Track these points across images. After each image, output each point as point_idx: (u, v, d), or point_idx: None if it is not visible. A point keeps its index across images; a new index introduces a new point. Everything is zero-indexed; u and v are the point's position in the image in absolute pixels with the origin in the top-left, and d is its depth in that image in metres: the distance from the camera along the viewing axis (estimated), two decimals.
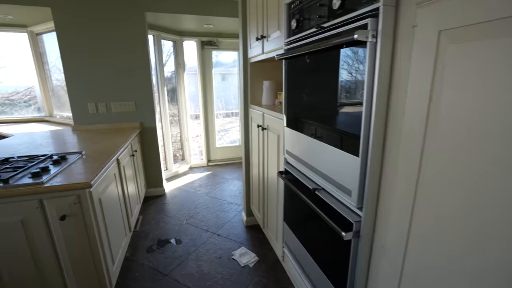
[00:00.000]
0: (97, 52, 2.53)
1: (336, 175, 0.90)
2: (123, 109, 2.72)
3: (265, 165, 1.81)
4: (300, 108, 1.14)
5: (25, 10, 2.53)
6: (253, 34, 1.83)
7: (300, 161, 1.18)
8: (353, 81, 0.78)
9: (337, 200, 0.95)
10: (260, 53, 1.70)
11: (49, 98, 3.38)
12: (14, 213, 1.23)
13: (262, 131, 1.80)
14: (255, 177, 2.13)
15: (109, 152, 1.77)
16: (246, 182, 2.35)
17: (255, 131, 2.01)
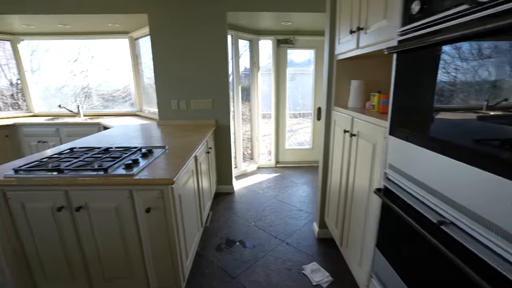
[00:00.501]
0: (182, 53, 2.68)
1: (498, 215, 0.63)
2: (201, 107, 2.83)
3: (350, 176, 1.58)
4: (427, 115, 0.88)
5: (127, 18, 2.86)
6: (344, 27, 1.62)
7: (419, 183, 0.90)
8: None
9: (489, 248, 0.65)
10: (353, 48, 1.47)
11: (140, 95, 3.80)
12: (111, 199, 1.33)
13: (350, 138, 1.57)
14: (334, 187, 1.91)
15: (189, 148, 1.81)
16: (322, 191, 2.14)
17: (338, 136, 1.79)
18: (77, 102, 3.97)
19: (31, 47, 3.84)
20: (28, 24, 3.15)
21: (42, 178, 1.29)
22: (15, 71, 3.77)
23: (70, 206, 1.34)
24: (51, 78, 4.01)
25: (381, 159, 1.18)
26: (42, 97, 3.95)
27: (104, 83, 4.26)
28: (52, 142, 3.27)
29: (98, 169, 1.33)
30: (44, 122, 3.30)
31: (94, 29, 3.45)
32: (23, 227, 1.39)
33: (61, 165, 1.40)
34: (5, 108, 3.86)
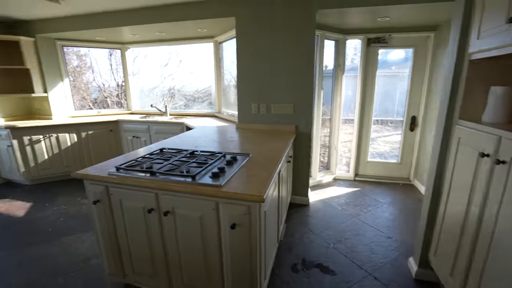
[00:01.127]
0: (266, 55, 2.58)
1: None
2: (282, 111, 2.68)
3: (488, 215, 1.17)
4: None
5: (214, 23, 2.93)
6: (494, 14, 1.21)
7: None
8: None
9: None
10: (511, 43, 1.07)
11: (220, 97, 3.91)
12: (197, 208, 1.27)
13: (492, 165, 1.16)
14: (453, 221, 1.49)
15: (273, 158, 1.67)
16: (427, 222, 1.73)
17: (466, 159, 1.37)
18: (164, 101, 4.35)
19: (134, 54, 4.38)
20: (134, 34, 3.57)
21: (137, 179, 1.32)
22: (121, 74, 4.36)
23: (159, 209, 1.35)
24: (146, 80, 4.50)
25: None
26: (138, 97, 4.47)
27: (188, 85, 4.58)
28: (144, 138, 3.63)
29: (186, 175, 1.29)
30: (138, 120, 3.70)
31: (184, 35, 3.70)
32: (119, 221, 1.47)
33: (154, 167, 1.42)
34: (112, 105, 4.53)
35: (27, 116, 3.84)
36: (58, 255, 2.07)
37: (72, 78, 4.13)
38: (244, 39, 2.63)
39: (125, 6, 2.93)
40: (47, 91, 3.67)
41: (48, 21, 3.42)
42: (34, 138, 3.30)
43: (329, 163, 3.65)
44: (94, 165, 1.55)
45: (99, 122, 3.66)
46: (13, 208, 2.84)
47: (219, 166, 1.41)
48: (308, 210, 2.76)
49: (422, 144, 3.27)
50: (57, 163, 3.49)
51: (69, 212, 2.74)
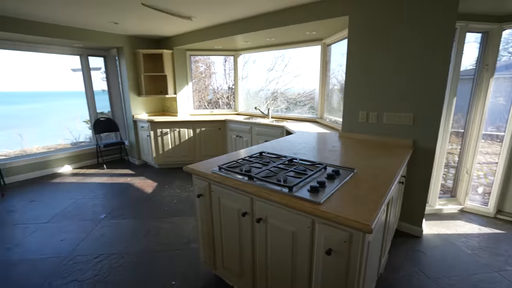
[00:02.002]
0: (382, 56, 2.24)
1: None
2: (396, 122, 2.27)
3: None
4: None
5: (323, 24, 2.77)
6: None
7: None
8: None
9: None
10: None
11: (323, 101, 3.72)
12: (290, 222, 1.19)
13: None
14: None
15: (384, 177, 1.39)
16: None
17: None
18: (267, 104, 4.51)
19: (244, 59, 4.74)
20: (246, 40, 3.84)
21: (236, 181, 1.35)
22: (232, 78, 4.81)
23: (252, 214, 1.34)
24: (253, 83, 4.79)
25: None
26: (244, 99, 4.81)
27: (291, 88, 4.59)
28: (245, 138, 3.86)
29: (283, 185, 1.22)
30: (242, 121, 3.96)
31: (293, 39, 3.70)
32: (216, 217, 1.56)
33: (252, 171, 1.42)
34: (222, 106, 5.05)
35: (161, 112, 4.77)
36: (169, 232, 2.42)
37: (196, 81, 4.85)
38: (357, 38, 2.37)
39: (241, 16, 3.17)
40: (176, 93, 4.44)
41: (181, 36, 4.12)
42: (164, 131, 4.06)
43: (456, 189, 2.88)
44: (203, 161, 1.69)
45: (210, 121, 4.14)
46: (145, 185, 3.57)
47: (319, 179, 1.27)
48: (420, 244, 2.24)
49: None
50: (177, 152, 4.18)
51: (181, 196, 3.20)
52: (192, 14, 3.05)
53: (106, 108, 4.92)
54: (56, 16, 3.10)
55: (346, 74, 2.50)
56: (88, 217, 2.71)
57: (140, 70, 4.25)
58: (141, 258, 2.07)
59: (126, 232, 2.42)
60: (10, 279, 1.85)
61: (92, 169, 4.28)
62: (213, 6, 2.78)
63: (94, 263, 2.01)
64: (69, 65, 4.52)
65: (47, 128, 7.24)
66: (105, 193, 3.32)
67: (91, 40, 3.78)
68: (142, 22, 3.37)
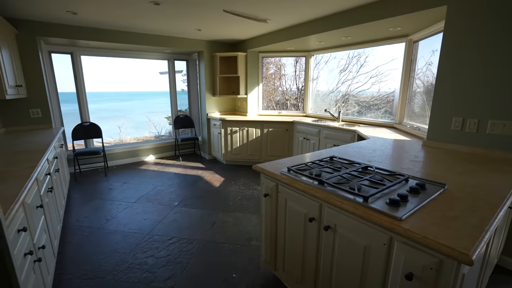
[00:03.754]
0: (487, 50, 1.84)
1: None
2: (505, 132, 1.85)
3: None
4: None
5: (411, 18, 2.45)
6: None
7: None
8: None
9: None
10: None
11: (404, 105, 3.32)
12: (363, 235, 1.08)
13: None
14: None
15: (487, 199, 1.14)
16: None
17: None
18: (338, 107, 4.28)
19: (316, 60, 4.61)
20: (320, 41, 3.72)
21: (305, 185, 1.30)
22: (302, 79, 4.73)
23: (320, 221, 1.27)
24: (324, 85, 4.62)
25: None
26: (314, 101, 4.67)
27: (366, 90, 4.25)
28: (313, 141, 3.75)
29: (357, 193, 1.12)
30: (310, 123, 3.85)
31: (373, 37, 3.41)
32: (281, 219, 1.54)
33: (322, 176, 1.36)
34: (290, 108, 5.03)
35: (232, 112, 5.04)
36: (232, 226, 2.53)
37: (265, 83, 4.96)
38: (455, 30, 2.02)
39: (316, 16, 3.08)
40: (247, 93, 4.63)
41: (255, 39, 4.26)
42: (233, 129, 4.28)
43: None
44: (271, 161, 1.70)
45: (278, 122, 4.16)
46: (213, 179, 3.83)
47: (400, 192, 1.12)
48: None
49: None
50: (244, 151, 4.35)
51: (245, 193, 3.31)
52: (268, 17, 3.12)
53: (184, 106, 5.48)
54: (150, 27, 3.60)
55: (438, 72, 2.16)
56: (165, 202, 3.06)
57: (216, 71, 4.58)
58: (207, 246, 2.22)
59: (195, 220, 2.64)
60: (107, 244, 2.24)
61: (170, 160, 4.82)
62: (288, 8, 2.79)
63: (167, 244, 2.25)
64: (157, 69, 5.22)
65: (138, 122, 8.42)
66: (179, 182, 3.69)
67: (177, 46, 4.26)
68: (222, 27, 3.62)
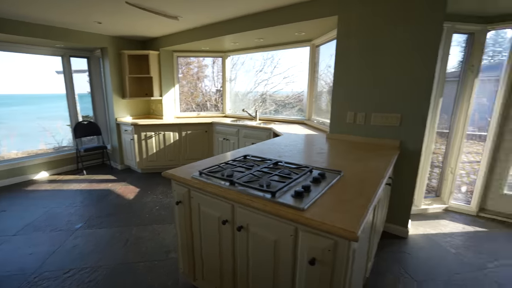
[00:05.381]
0: (371, 56, 2.21)
1: None
2: (384, 123, 2.25)
3: None
4: None
5: (312, 25, 2.74)
6: None
7: None
8: None
9: None
10: None
11: (312, 103, 3.68)
12: (272, 230, 1.11)
13: None
14: None
15: (371, 180, 1.35)
16: None
17: None
18: (255, 107, 4.44)
19: (233, 61, 4.67)
20: (235, 42, 3.77)
21: (216, 187, 1.27)
22: (221, 80, 4.72)
23: (233, 222, 1.26)
24: (241, 85, 4.72)
25: None
26: (233, 101, 4.73)
27: (280, 90, 4.54)
28: (233, 141, 3.78)
29: (266, 190, 1.15)
30: (229, 123, 3.88)
31: (282, 40, 3.65)
32: (196, 226, 1.47)
33: (235, 176, 1.35)
34: (210, 108, 4.95)
35: (146, 115, 4.62)
36: (148, 241, 2.30)
37: (186, 84, 4.73)
38: (345, 38, 2.34)
39: (229, 16, 3.10)
40: (162, 95, 4.31)
41: (168, 37, 4.01)
42: (148, 134, 3.92)
43: (440, 189, 2.89)
44: (184, 166, 1.60)
45: (197, 124, 4.03)
46: (127, 191, 3.42)
47: (304, 183, 1.21)
48: (406, 245, 2.21)
49: None
50: (162, 156, 4.04)
51: (163, 202, 3.08)
52: (179, 13, 2.96)
53: (89, 110, 4.73)
54: (37, 15, 2.95)
55: (334, 74, 2.46)
56: (62, 227, 2.54)
57: (124, 71, 4.10)
58: (117, 269, 1.94)
59: (103, 243, 2.29)
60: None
61: (70, 175, 4.08)
62: (199, 6, 2.71)
63: (62, 279, 1.84)
64: (54, 67, 4.32)
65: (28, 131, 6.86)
66: (83, 200, 3.15)
67: (73, 40, 3.62)
68: (127, 21, 3.25)
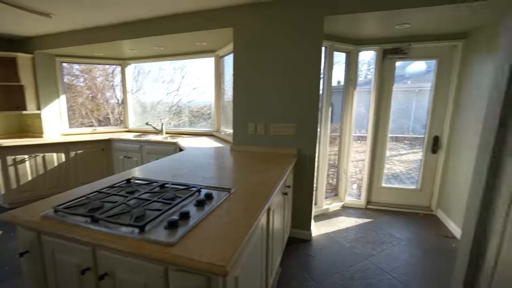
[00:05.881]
0: (266, 69, 2.30)
1: None
2: (282, 132, 2.35)
3: None
4: None
5: (213, 35, 2.69)
6: None
7: None
8: None
9: None
10: None
11: (219, 114, 3.63)
12: (141, 271, 0.93)
13: None
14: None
15: (262, 193, 1.32)
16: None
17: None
18: (161, 120, 4.09)
19: (137, 69, 4.24)
20: (132, 49, 3.41)
21: (71, 227, 1.00)
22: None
23: (96, 270, 1.01)
24: (148, 96, 4.33)
25: None
26: (139, 114, 4.27)
27: (193, 101, 4.36)
28: (135, 158, 3.38)
29: (133, 225, 0.96)
30: (130, 139, 3.46)
31: (184, 50, 3.50)
32: (51, 277, 1.14)
33: (103, 208, 1.11)
34: (114, 123, 4.32)
35: (19, 134, 3.69)
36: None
37: (88, 94, 4.00)
38: (242, 51, 2.36)
39: (117, 21, 2.77)
40: (40, 108, 3.53)
41: (46, 37, 3.33)
42: (18, 158, 3.09)
43: (338, 188, 3.23)
44: (35, 203, 1.24)
45: (91, 141, 3.45)
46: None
47: (184, 211, 1.07)
48: (310, 248, 2.34)
49: (448, 169, 2.81)
50: (40, 184, 3.25)
51: None
52: (50, 10, 2.46)
53: None
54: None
55: (234, 85, 2.45)
56: None
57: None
58: None
59: None
60: None
61: None
62: (73, 5, 2.30)
63: None
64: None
65: None
66: None
67: None
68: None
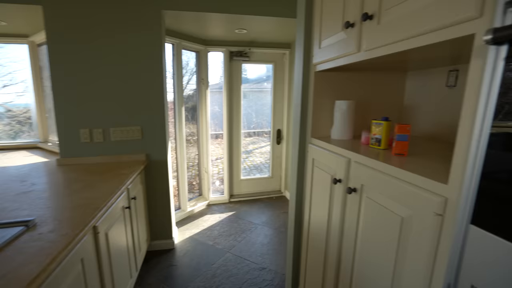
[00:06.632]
0: (96, 63, 1.90)
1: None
2: (126, 137, 2.04)
3: (345, 242, 1.01)
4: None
5: (16, 13, 1.99)
6: (331, 21, 1.10)
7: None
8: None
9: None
10: (352, 52, 0.94)
11: (45, 120, 2.81)
12: None
13: (344, 194, 1.01)
14: (316, 253, 1.32)
15: (79, 220, 1.04)
16: (293, 252, 1.53)
17: (322, 182, 1.22)
18: None
19: None
20: None
21: None
22: None
23: None
24: None
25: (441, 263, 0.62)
26: None
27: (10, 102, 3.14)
28: None
29: None
30: None
31: None
32: None
33: None
34: None
35: None
36: None
37: None
38: (59, 38, 1.84)
39: None
40: None
41: None
42: None
43: (201, 189, 3.24)
44: None
45: None
46: None
47: None
48: (173, 257, 2.20)
49: (288, 156, 3.38)
50: None
51: None
52: None
53: None
54: None
55: (52, 84, 1.89)
56: None
57: None
58: None
59: None
60: None
61: None
62: None
63: None
64: None
65: None
66: None
67: None
68: None
